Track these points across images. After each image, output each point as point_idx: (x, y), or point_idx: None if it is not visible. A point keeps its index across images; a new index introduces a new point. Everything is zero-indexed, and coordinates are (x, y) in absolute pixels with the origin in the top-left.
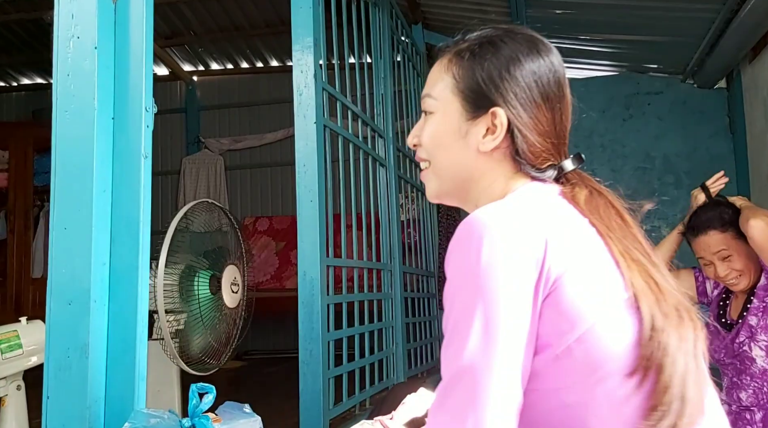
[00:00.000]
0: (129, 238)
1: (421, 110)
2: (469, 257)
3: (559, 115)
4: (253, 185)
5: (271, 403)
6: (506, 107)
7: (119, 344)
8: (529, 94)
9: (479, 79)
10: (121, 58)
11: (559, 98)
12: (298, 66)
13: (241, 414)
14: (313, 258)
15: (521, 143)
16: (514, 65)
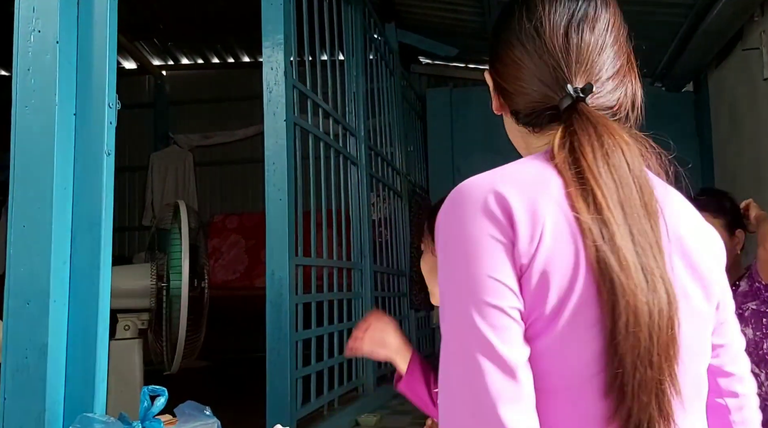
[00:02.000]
0: (90, 236)
1: (395, 107)
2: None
3: (539, 45)
4: (223, 182)
5: (237, 403)
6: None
7: (79, 345)
8: (496, 44)
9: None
10: (84, 53)
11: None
12: (269, 63)
13: (200, 416)
14: (281, 257)
15: (505, 94)
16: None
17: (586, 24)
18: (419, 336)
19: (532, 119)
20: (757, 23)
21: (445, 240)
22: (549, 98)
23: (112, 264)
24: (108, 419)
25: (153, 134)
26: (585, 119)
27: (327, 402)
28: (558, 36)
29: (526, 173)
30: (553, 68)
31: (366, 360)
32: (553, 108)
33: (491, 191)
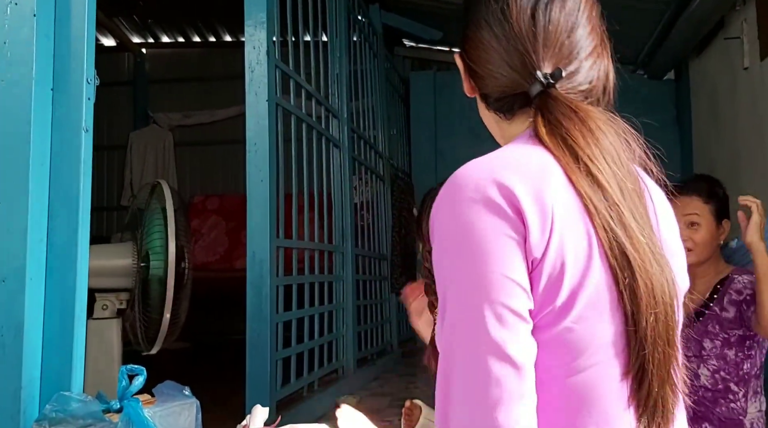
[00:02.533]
0: (68, 214)
1: (378, 90)
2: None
3: (506, 27)
4: (203, 162)
5: (216, 384)
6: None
7: (56, 323)
8: (467, 24)
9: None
10: (62, 27)
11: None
12: (251, 42)
13: (179, 396)
14: (262, 239)
15: (475, 77)
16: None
17: (555, 4)
18: (400, 319)
19: (503, 105)
20: (738, 12)
21: (446, 236)
22: (518, 85)
23: (91, 244)
24: (85, 397)
25: (132, 112)
26: (562, 105)
27: (307, 383)
28: (525, 18)
29: (525, 160)
30: (521, 53)
31: (346, 342)
32: (523, 94)
33: (493, 181)
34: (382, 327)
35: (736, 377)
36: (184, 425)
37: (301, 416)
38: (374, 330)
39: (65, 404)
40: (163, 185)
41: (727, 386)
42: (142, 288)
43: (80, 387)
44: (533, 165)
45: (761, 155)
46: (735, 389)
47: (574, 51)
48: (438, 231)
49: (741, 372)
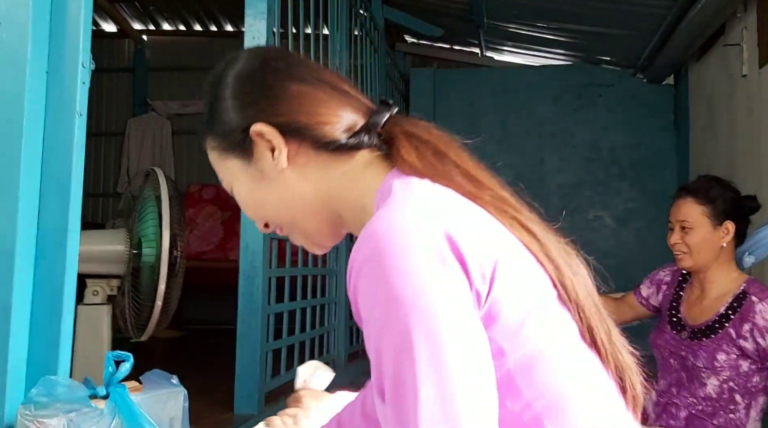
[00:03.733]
0: (59, 198)
1: (378, 85)
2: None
3: (311, 82)
4: (200, 152)
5: (207, 374)
6: (258, 120)
7: (44, 307)
8: (257, 92)
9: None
10: (58, 9)
11: (288, 69)
12: (250, 32)
13: (167, 384)
14: (256, 230)
15: (299, 133)
16: (225, 87)
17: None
18: None
19: (358, 142)
20: (739, 19)
21: (390, 296)
22: (357, 120)
23: (85, 229)
24: (72, 383)
25: (131, 99)
26: (411, 123)
27: None
28: (324, 72)
29: (445, 201)
30: (345, 93)
31: (338, 335)
32: (366, 128)
33: (442, 234)
34: None
35: (744, 388)
36: (171, 413)
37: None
38: None
39: (51, 388)
40: (158, 172)
41: (732, 396)
42: (133, 275)
43: (67, 372)
44: (454, 204)
45: (757, 162)
46: (739, 400)
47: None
48: (373, 298)
49: (749, 384)
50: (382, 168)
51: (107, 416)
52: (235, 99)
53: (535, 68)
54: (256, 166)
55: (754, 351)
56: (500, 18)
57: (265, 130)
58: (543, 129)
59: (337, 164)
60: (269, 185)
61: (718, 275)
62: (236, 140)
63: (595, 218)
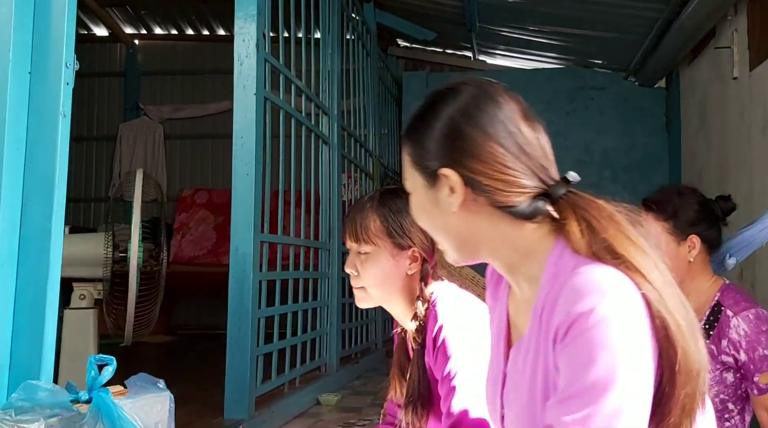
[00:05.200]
0: (42, 201)
1: (370, 89)
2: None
3: (512, 143)
4: (193, 156)
5: (197, 378)
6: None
7: (27, 311)
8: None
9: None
10: (41, 9)
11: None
12: (240, 35)
13: (152, 388)
14: (246, 233)
15: (484, 190)
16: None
17: (535, 120)
18: (385, 318)
19: (534, 212)
20: (729, 22)
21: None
22: (540, 189)
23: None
24: (53, 387)
25: (123, 104)
26: (587, 201)
27: (288, 380)
28: (530, 133)
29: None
30: (537, 161)
31: (330, 340)
32: (546, 196)
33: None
34: (366, 326)
35: (734, 396)
36: (157, 418)
37: (280, 413)
38: (359, 329)
39: (32, 393)
40: (138, 174)
41: (725, 406)
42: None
43: (50, 376)
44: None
45: (748, 164)
46: (732, 407)
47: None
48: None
49: (739, 391)
50: (548, 234)
51: (89, 420)
52: (440, 140)
53: (528, 72)
54: (434, 193)
55: (734, 364)
56: (492, 22)
57: (452, 177)
58: None
59: (507, 220)
60: (438, 212)
61: (691, 289)
62: (427, 168)
63: None
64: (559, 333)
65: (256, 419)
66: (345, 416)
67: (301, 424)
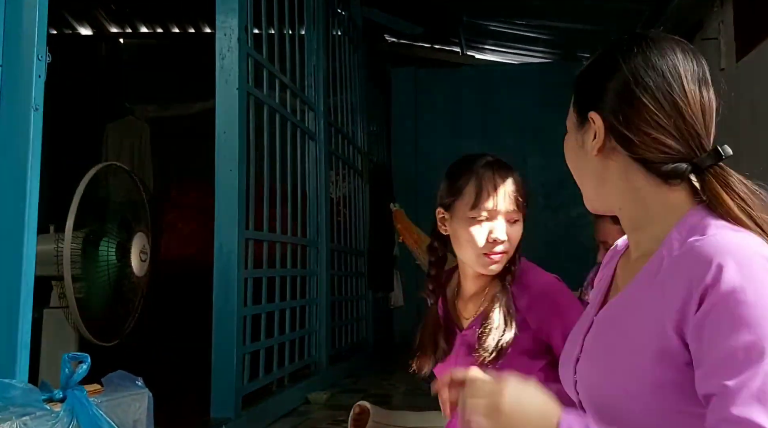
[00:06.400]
0: (14, 197)
1: (358, 85)
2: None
3: (672, 105)
4: (181, 155)
5: (184, 378)
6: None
7: (1, 310)
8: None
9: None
10: (13, 1)
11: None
12: (222, 29)
13: (131, 386)
14: (230, 230)
15: (627, 141)
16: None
17: (710, 86)
18: (376, 316)
19: (672, 172)
20: (716, 14)
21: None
22: (685, 156)
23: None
24: (26, 386)
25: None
26: (735, 178)
27: (276, 378)
28: (695, 95)
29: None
30: (691, 126)
31: (320, 338)
32: (691, 164)
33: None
34: (357, 324)
35: None
36: (135, 416)
37: (268, 411)
38: (349, 327)
39: (4, 392)
40: (93, 169)
41: None
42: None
43: (25, 375)
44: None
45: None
46: None
47: (714, 132)
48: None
49: None
50: (685, 201)
51: (63, 419)
52: (597, 84)
53: (516, 66)
54: (581, 134)
55: None
56: (480, 16)
57: (598, 122)
58: (525, 127)
59: (642, 175)
60: (581, 154)
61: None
62: (580, 109)
63: (578, 215)
64: (694, 291)
65: (243, 417)
66: (334, 414)
67: (290, 422)
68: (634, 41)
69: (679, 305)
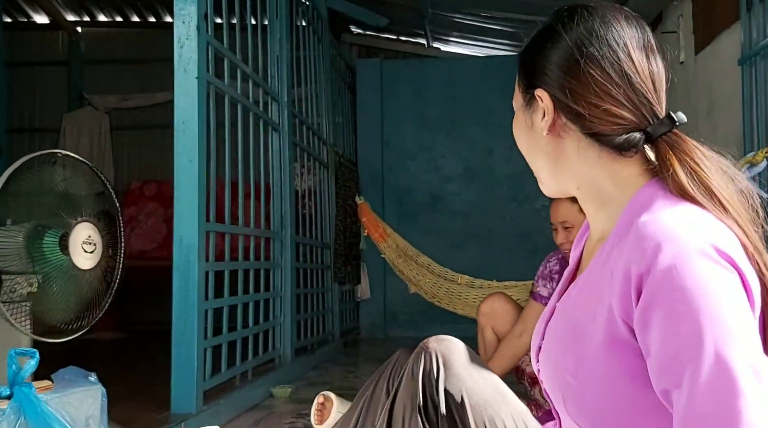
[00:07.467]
0: None
1: (323, 76)
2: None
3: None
4: (141, 147)
5: (147, 375)
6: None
7: None
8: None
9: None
10: None
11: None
12: (180, 16)
13: (82, 382)
14: (190, 222)
15: (577, 116)
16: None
17: (658, 54)
18: (342, 308)
19: (623, 144)
20: (676, 7)
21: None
22: (637, 125)
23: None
24: None
25: (66, 93)
26: (689, 144)
27: (240, 372)
28: (643, 63)
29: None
30: (642, 95)
31: (284, 331)
32: (644, 133)
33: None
34: (324, 317)
35: None
36: (88, 412)
37: (230, 405)
38: (315, 319)
39: None
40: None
41: None
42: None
43: None
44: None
45: None
46: None
47: (665, 100)
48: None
49: None
50: (641, 173)
51: (10, 416)
52: (540, 60)
53: (482, 59)
54: (529, 114)
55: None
56: (445, 8)
57: (545, 99)
58: (491, 119)
59: (596, 150)
60: (531, 134)
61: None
62: (525, 88)
63: (542, 207)
64: (632, 276)
65: (205, 412)
66: (298, 407)
67: (253, 417)
68: (574, 12)
69: (620, 289)
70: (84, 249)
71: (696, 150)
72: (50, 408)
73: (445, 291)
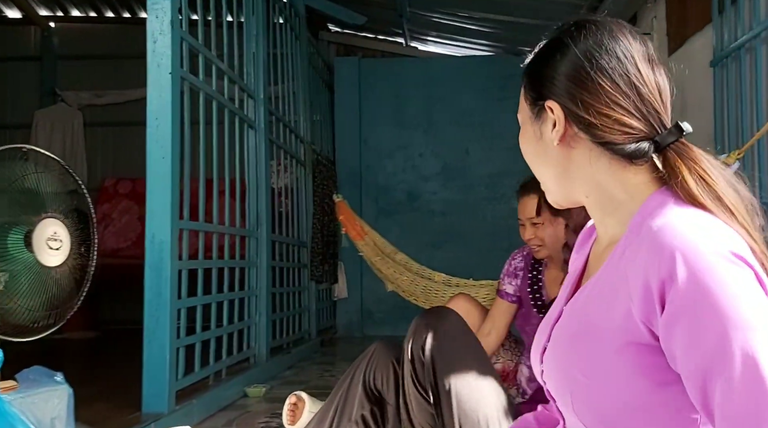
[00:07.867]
0: None
1: (300, 75)
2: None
3: (626, 83)
4: (115, 144)
5: (120, 374)
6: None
7: None
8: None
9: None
10: None
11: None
12: (153, 11)
13: (48, 382)
14: (163, 220)
15: (589, 126)
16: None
17: (663, 68)
18: (319, 307)
19: (633, 153)
20: (649, 8)
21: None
22: (646, 135)
23: None
24: None
25: (39, 89)
26: (697, 154)
27: (213, 372)
28: (650, 74)
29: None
30: (650, 105)
31: (259, 330)
32: (653, 142)
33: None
34: (300, 316)
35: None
36: (53, 413)
37: (203, 405)
38: (291, 318)
39: None
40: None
41: None
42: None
43: None
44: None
45: None
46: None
47: (670, 112)
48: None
49: None
50: (650, 181)
51: None
52: (549, 73)
53: (459, 59)
54: (538, 125)
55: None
56: (423, 7)
57: (556, 110)
58: (468, 119)
59: (606, 159)
60: (540, 145)
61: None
62: (534, 100)
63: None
64: (652, 283)
65: (178, 412)
66: (273, 407)
67: (226, 416)
68: (581, 26)
69: (640, 294)
70: (49, 246)
71: (703, 158)
72: (14, 409)
73: (422, 289)
